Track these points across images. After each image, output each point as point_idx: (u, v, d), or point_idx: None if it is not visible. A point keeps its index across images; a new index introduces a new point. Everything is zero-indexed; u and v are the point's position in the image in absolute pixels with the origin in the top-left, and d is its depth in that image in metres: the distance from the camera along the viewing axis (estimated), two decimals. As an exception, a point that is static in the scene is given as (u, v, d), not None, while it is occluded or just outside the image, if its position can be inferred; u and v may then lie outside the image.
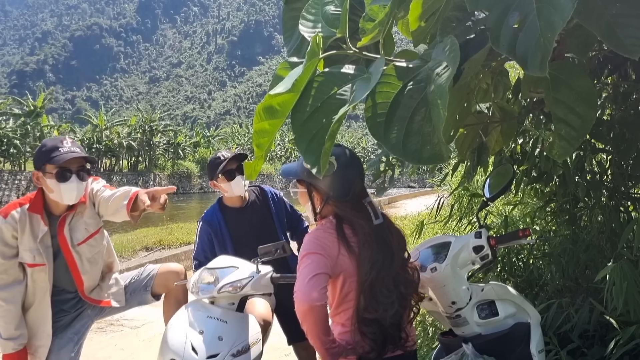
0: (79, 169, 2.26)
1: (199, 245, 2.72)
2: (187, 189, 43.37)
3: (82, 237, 2.37)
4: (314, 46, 1.11)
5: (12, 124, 31.99)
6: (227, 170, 2.66)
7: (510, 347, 1.70)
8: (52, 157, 2.19)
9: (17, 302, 2.23)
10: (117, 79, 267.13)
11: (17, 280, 2.24)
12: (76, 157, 2.22)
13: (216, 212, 2.77)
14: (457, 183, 4.79)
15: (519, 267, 3.14)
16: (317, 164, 1.11)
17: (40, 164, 2.23)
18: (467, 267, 1.77)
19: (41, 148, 2.27)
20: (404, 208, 16.79)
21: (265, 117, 1.17)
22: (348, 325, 1.57)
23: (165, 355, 1.98)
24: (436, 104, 0.98)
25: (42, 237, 2.25)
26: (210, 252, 2.67)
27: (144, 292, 2.61)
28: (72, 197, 2.26)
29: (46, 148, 2.23)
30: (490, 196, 1.86)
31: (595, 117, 1.21)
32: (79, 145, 2.33)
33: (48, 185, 2.22)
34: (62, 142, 2.26)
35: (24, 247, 2.23)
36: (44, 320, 2.30)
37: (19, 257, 2.24)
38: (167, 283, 2.58)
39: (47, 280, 2.28)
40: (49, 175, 2.20)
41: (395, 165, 2.25)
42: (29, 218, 2.23)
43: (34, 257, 2.23)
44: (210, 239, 2.70)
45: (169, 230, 9.58)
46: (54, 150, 2.21)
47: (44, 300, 2.30)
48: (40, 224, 2.24)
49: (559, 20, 0.84)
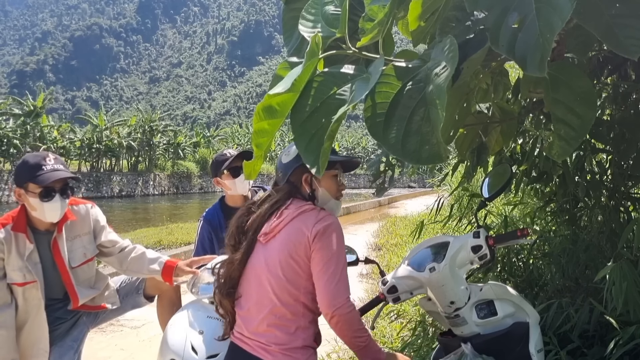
0: (62, 187, 2.20)
1: (199, 244, 2.72)
2: (187, 189, 43.36)
3: (79, 261, 2.37)
4: (314, 46, 1.11)
5: (12, 124, 31.95)
6: (232, 167, 2.65)
7: (509, 347, 1.70)
8: (36, 176, 2.12)
9: (8, 327, 2.15)
10: (117, 79, 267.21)
11: (6, 304, 2.17)
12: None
13: (217, 211, 2.77)
14: (456, 183, 4.79)
15: (519, 267, 3.14)
16: (316, 163, 1.12)
17: (23, 182, 2.15)
18: (465, 267, 1.77)
19: (23, 165, 2.17)
20: (404, 208, 16.78)
21: (265, 117, 1.17)
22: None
23: (165, 355, 1.98)
24: (435, 104, 0.99)
25: (29, 255, 2.18)
26: (211, 251, 2.67)
27: (137, 294, 2.61)
28: (55, 216, 2.21)
29: (29, 165, 2.15)
30: (488, 196, 1.86)
31: (595, 118, 1.22)
32: (62, 161, 2.27)
33: (31, 203, 2.15)
34: (44, 159, 2.18)
35: (12, 267, 2.16)
36: (40, 338, 2.24)
37: (7, 279, 2.17)
38: (159, 285, 2.58)
39: (40, 297, 2.22)
40: (32, 195, 2.14)
41: (395, 165, 2.25)
42: (14, 237, 2.17)
43: (24, 276, 2.17)
44: (210, 238, 2.70)
45: (169, 231, 9.58)
46: (37, 169, 2.13)
47: (38, 316, 2.23)
48: (26, 243, 2.18)
49: (558, 20, 0.84)
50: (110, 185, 36.12)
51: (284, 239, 1.60)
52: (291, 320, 1.58)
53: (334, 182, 1.74)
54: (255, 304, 1.61)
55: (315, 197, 1.71)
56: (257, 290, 1.62)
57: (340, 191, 1.78)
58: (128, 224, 15.97)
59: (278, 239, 1.62)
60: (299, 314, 1.58)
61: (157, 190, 40.52)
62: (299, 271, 1.58)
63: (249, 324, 1.61)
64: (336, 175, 1.75)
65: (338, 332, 1.56)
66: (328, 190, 1.72)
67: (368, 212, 16.79)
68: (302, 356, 1.57)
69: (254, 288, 1.63)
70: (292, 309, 1.58)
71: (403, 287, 1.81)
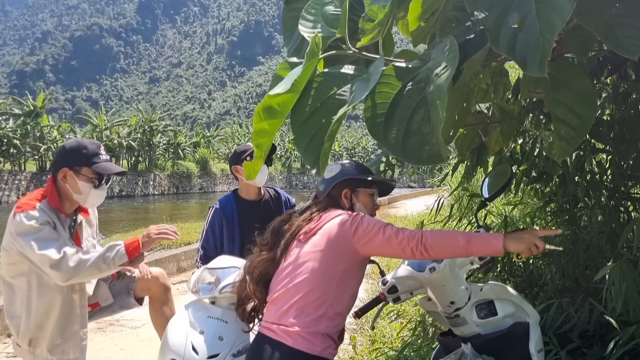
0: (107, 178, 2.29)
1: (208, 229, 2.69)
2: (187, 189, 43.35)
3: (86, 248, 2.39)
4: (314, 46, 1.11)
5: (12, 124, 31.93)
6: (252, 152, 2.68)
7: (509, 347, 1.70)
8: (95, 163, 2.20)
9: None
10: (117, 79, 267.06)
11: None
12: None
13: (231, 200, 2.78)
14: (457, 183, 4.79)
15: (519, 267, 3.14)
16: (316, 164, 1.12)
17: (77, 164, 2.21)
18: (465, 267, 1.77)
19: (80, 149, 2.24)
20: (404, 208, 16.77)
21: (265, 117, 1.17)
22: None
23: (166, 355, 1.98)
24: (435, 105, 0.99)
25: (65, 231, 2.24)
26: (219, 237, 2.66)
27: (127, 296, 2.62)
28: (97, 203, 2.30)
29: (87, 151, 2.22)
30: (488, 196, 1.86)
31: (595, 117, 1.22)
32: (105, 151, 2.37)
33: (79, 187, 2.21)
34: (100, 148, 2.28)
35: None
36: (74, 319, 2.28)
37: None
38: (150, 286, 2.61)
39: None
40: (84, 178, 2.20)
41: (395, 165, 2.26)
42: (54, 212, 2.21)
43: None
44: (221, 225, 2.69)
45: (169, 230, 9.56)
46: (95, 156, 2.22)
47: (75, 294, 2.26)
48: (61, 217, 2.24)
49: (558, 20, 0.84)
50: (110, 185, 35.94)
51: (324, 234, 1.69)
52: (319, 307, 1.62)
53: (370, 200, 1.89)
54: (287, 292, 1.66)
55: (353, 210, 1.82)
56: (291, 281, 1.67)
57: (374, 209, 1.91)
58: (128, 224, 15.97)
59: (318, 234, 1.70)
60: (327, 302, 1.63)
61: (157, 190, 40.52)
62: (336, 262, 1.65)
63: (279, 310, 1.66)
64: (373, 194, 1.89)
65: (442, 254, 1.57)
66: (365, 206, 1.86)
67: (368, 212, 16.72)
68: (322, 343, 1.59)
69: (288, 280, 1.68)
70: (322, 298, 1.63)
71: (403, 287, 1.82)
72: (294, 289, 1.64)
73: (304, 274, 1.65)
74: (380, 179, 1.94)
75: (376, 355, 3.22)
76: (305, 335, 1.58)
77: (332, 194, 1.85)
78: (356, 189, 1.85)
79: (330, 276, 1.64)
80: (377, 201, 1.92)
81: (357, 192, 1.85)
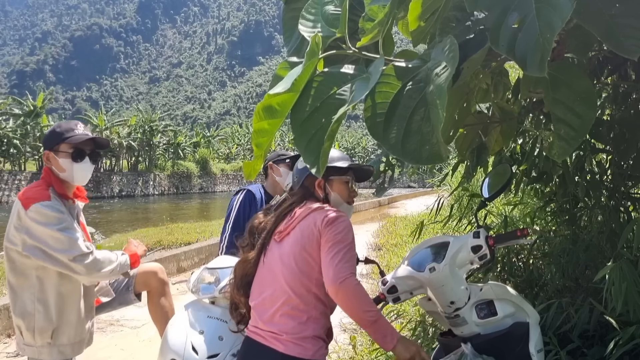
0: (92, 152, 2.28)
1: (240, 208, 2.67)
2: (187, 189, 43.37)
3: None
4: (314, 46, 1.11)
5: (12, 124, 31.95)
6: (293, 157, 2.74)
7: (509, 347, 1.70)
8: (68, 137, 2.21)
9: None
10: (117, 79, 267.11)
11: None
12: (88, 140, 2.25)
13: (260, 189, 2.83)
14: (457, 183, 4.79)
15: (519, 267, 3.14)
16: (316, 163, 1.12)
17: (54, 144, 2.22)
18: (465, 267, 1.77)
19: (55, 129, 2.27)
20: (404, 208, 16.78)
21: (265, 116, 1.17)
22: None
23: (166, 355, 1.98)
24: (435, 104, 0.99)
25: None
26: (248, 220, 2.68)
27: (127, 291, 2.63)
28: (84, 178, 2.28)
29: (61, 129, 2.25)
30: (488, 196, 1.86)
31: (595, 117, 1.22)
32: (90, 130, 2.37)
33: (60, 164, 2.21)
34: (76, 125, 2.29)
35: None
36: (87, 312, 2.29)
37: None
38: (148, 281, 2.63)
39: None
40: (63, 155, 2.20)
41: (395, 165, 2.26)
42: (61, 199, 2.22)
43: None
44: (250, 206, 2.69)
45: (169, 231, 9.56)
46: (69, 131, 2.23)
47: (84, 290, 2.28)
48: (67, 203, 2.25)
49: (558, 20, 0.84)
50: (110, 185, 36.12)
51: (298, 233, 1.66)
52: (303, 310, 1.61)
53: (346, 188, 1.83)
54: (269, 296, 1.66)
55: (329, 200, 1.79)
56: (272, 283, 1.67)
57: (352, 197, 1.86)
58: (128, 224, 15.98)
59: (292, 235, 1.68)
60: (311, 304, 1.62)
61: (157, 190, 40.53)
62: (311, 263, 1.63)
63: (263, 315, 1.65)
64: (348, 182, 1.83)
65: (345, 308, 1.56)
66: (340, 194, 1.81)
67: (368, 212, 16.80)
68: (313, 346, 1.59)
69: (268, 282, 1.68)
70: (304, 299, 1.61)
71: (403, 287, 1.81)
72: (275, 294, 1.64)
73: (283, 277, 1.63)
74: (355, 165, 1.84)
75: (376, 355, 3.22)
76: (296, 341, 1.57)
77: (306, 184, 1.81)
78: (329, 178, 1.79)
79: (309, 277, 1.62)
80: (354, 188, 1.86)
81: (330, 180, 1.79)
